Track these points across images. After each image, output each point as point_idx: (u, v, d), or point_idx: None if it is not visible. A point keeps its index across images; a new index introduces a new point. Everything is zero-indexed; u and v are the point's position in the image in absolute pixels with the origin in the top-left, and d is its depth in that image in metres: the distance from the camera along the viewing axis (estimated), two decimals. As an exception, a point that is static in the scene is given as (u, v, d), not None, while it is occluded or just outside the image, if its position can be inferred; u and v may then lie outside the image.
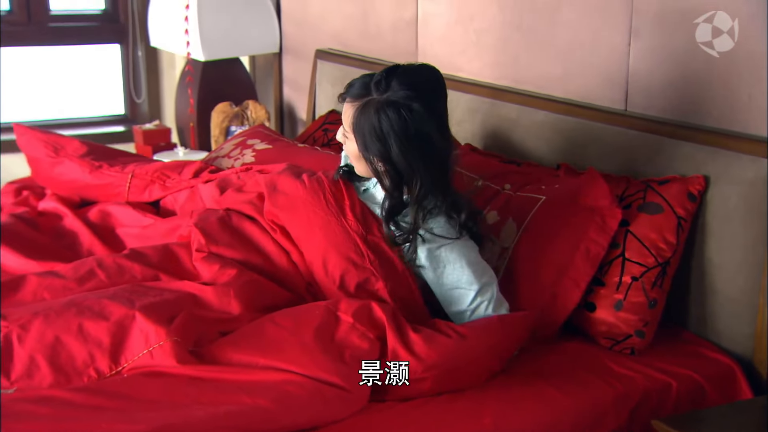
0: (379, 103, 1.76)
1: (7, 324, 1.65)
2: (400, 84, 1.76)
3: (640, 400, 1.70)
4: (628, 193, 1.92)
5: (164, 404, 1.50)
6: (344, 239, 1.83)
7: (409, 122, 1.74)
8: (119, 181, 2.37)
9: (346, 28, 3.00)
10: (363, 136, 1.78)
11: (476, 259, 1.80)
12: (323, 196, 1.89)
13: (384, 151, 1.77)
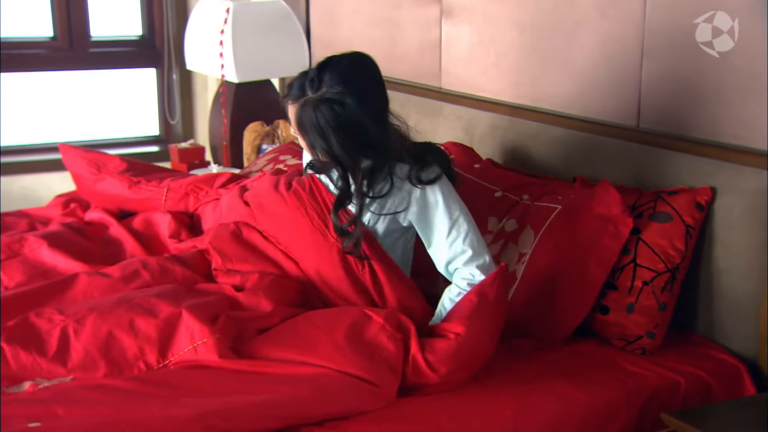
0: (314, 102, 1.85)
1: (64, 318, 1.79)
2: (332, 80, 1.85)
3: (651, 396, 1.81)
4: (639, 203, 2.04)
5: (208, 392, 1.63)
6: (332, 253, 1.94)
7: (342, 116, 1.84)
8: (156, 195, 2.52)
9: (373, 51, 3.11)
10: (306, 134, 1.89)
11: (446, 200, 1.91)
12: (305, 212, 1.99)
13: (326, 146, 1.87)
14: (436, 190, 1.92)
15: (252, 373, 1.70)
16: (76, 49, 4.01)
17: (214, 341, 1.74)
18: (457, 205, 1.93)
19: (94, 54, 4.06)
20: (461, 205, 1.94)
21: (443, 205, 1.92)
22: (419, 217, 1.94)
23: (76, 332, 1.75)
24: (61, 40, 3.97)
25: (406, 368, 1.72)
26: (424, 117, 2.81)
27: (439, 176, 1.93)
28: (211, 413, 1.54)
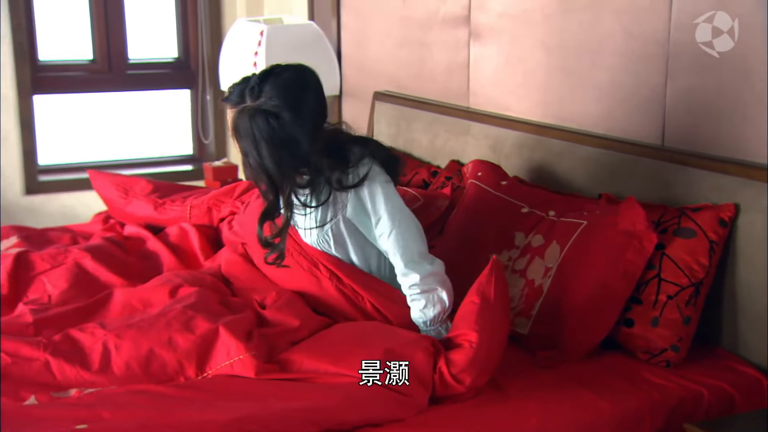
0: (251, 111, 1.88)
1: (105, 333, 1.87)
2: (271, 91, 1.88)
3: (675, 407, 1.85)
4: (663, 219, 2.09)
5: (244, 397, 1.70)
6: (324, 288, 2.05)
7: (276, 130, 1.86)
8: (181, 214, 2.62)
9: (402, 72, 3.23)
10: (240, 141, 1.92)
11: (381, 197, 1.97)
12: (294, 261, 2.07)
13: (257, 157, 1.89)
14: (363, 190, 1.97)
15: (287, 381, 1.77)
16: (114, 72, 4.14)
17: (250, 357, 1.81)
18: (382, 203, 1.96)
19: (131, 76, 4.19)
20: (390, 202, 1.97)
21: (369, 203, 1.97)
22: (355, 219, 2.00)
23: (117, 347, 1.83)
24: (100, 63, 4.11)
25: (435, 382, 1.77)
26: (452, 136, 2.88)
27: (364, 178, 1.96)
28: (248, 418, 1.60)
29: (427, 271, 1.97)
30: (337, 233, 2.02)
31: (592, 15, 2.44)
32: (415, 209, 2.51)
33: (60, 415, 1.60)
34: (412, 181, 2.81)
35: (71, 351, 1.81)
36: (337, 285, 2.04)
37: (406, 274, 1.98)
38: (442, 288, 1.98)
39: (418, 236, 2.01)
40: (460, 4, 2.89)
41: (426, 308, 1.98)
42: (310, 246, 2.06)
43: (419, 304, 1.98)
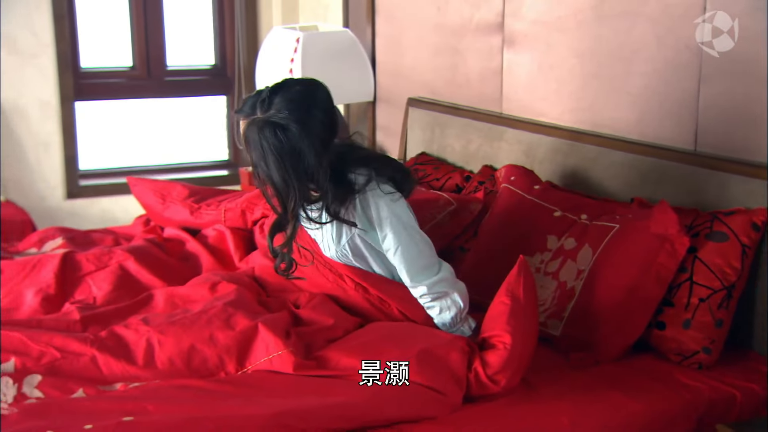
0: (260, 123, 1.91)
1: (149, 329, 1.93)
2: (281, 103, 1.90)
3: (707, 409, 1.87)
4: (696, 223, 2.11)
5: (283, 393, 1.75)
6: (351, 297, 2.10)
7: (283, 142, 1.89)
8: (216, 218, 2.68)
9: (436, 78, 3.27)
10: (248, 152, 1.96)
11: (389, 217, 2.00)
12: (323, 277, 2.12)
13: (265, 168, 1.93)
14: (370, 210, 2.01)
15: (324, 378, 1.81)
16: (153, 78, 4.23)
17: (288, 353, 1.86)
18: (388, 223, 1.99)
19: (169, 82, 4.28)
20: (396, 220, 1.99)
21: (376, 222, 2.01)
22: (366, 236, 2.04)
23: (160, 343, 1.89)
24: (139, 70, 4.20)
25: (471, 382, 1.81)
26: (485, 141, 2.91)
27: (381, 195, 1.99)
28: (288, 413, 1.65)
29: (433, 281, 2.02)
30: (354, 247, 2.08)
31: (625, 22, 2.46)
32: (448, 213, 2.56)
33: (107, 408, 1.66)
34: (445, 185, 2.85)
35: (117, 347, 1.87)
36: (363, 294, 2.10)
37: (414, 287, 2.05)
38: (452, 291, 2.03)
39: (424, 249, 2.04)
40: (493, 11, 2.93)
41: (441, 313, 2.03)
42: (332, 259, 2.12)
43: (434, 312, 2.05)
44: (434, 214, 2.58)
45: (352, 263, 2.10)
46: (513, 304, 1.85)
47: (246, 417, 1.64)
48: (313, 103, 1.95)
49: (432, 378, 1.78)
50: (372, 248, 2.08)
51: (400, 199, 2.04)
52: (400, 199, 2.04)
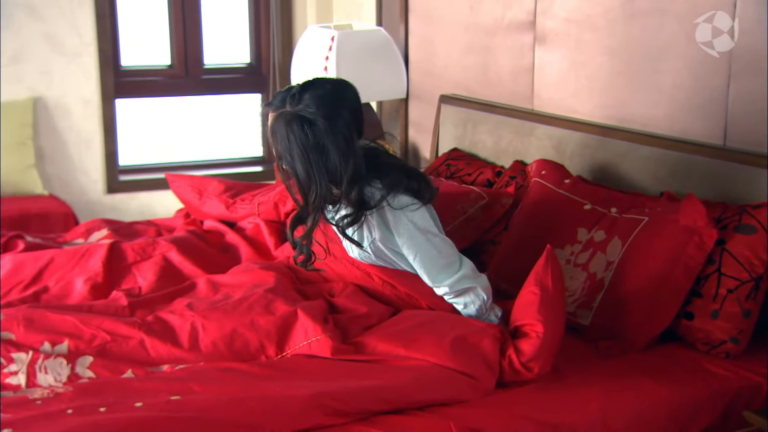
0: (288, 116, 1.96)
1: (193, 314, 2.02)
2: (310, 99, 1.96)
3: (734, 396, 1.91)
4: (724, 216, 2.15)
5: (321, 376, 1.82)
6: (380, 292, 2.17)
7: (309, 136, 1.95)
8: (251, 211, 2.77)
9: (468, 76, 3.33)
10: (275, 144, 2.02)
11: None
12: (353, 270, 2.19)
13: (290, 160, 1.99)
14: (389, 220, 2.05)
15: (361, 362, 1.89)
16: (190, 76, 4.34)
17: (326, 338, 1.93)
18: (405, 233, 2.04)
19: (206, 80, 4.39)
20: (413, 228, 2.04)
21: (394, 231, 2.06)
22: (386, 242, 2.09)
23: (204, 327, 1.97)
24: (177, 68, 4.31)
25: (505, 369, 1.87)
26: (516, 137, 2.97)
27: (400, 205, 2.04)
28: (326, 394, 1.72)
29: (454, 279, 2.07)
30: (376, 250, 2.14)
31: (655, 20, 2.51)
32: (480, 206, 2.62)
33: (155, 387, 1.74)
34: (477, 180, 2.90)
35: (163, 331, 1.96)
36: (391, 290, 2.17)
37: (437, 288, 2.11)
38: (474, 284, 2.08)
39: (443, 249, 2.08)
40: (525, 10, 2.99)
41: (467, 308, 2.10)
42: (358, 260, 2.18)
43: (459, 306, 2.11)
44: (466, 208, 2.64)
45: (377, 263, 2.17)
46: (542, 293, 1.91)
47: (287, 397, 1.71)
48: (341, 102, 2.00)
49: (465, 364, 1.84)
50: (394, 251, 2.14)
51: (419, 208, 2.07)
52: (418, 208, 2.07)
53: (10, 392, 1.74)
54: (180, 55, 4.29)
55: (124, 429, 1.55)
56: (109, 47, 4.01)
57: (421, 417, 1.75)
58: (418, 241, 2.06)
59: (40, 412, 1.62)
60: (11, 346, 1.83)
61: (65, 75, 3.94)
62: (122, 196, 4.18)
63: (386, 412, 1.75)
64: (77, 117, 4.00)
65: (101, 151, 4.08)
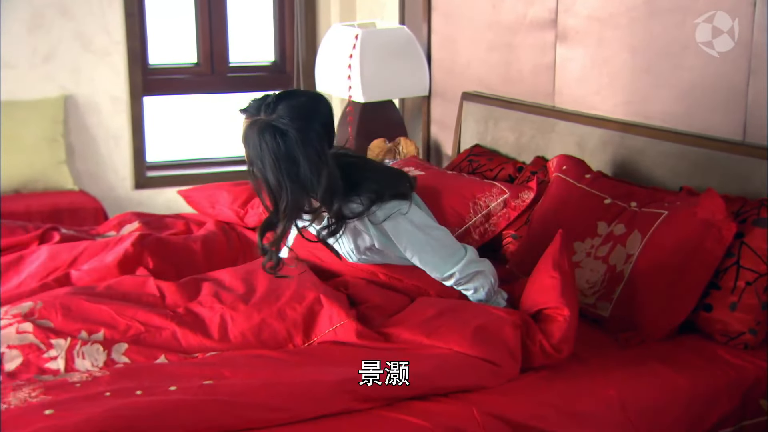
0: (262, 124, 1.99)
1: (222, 306, 2.08)
2: (284, 110, 1.99)
3: (751, 386, 1.95)
4: (743, 209, 2.18)
5: (348, 363, 1.87)
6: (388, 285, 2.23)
7: (281, 146, 1.98)
8: (260, 217, 2.81)
9: (490, 74, 3.38)
10: (247, 150, 2.05)
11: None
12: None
13: (261, 168, 2.01)
14: (391, 220, 2.09)
15: (384, 350, 1.94)
16: (216, 74, 4.41)
17: (351, 322, 1.99)
18: (402, 237, 2.09)
19: (231, 78, 4.46)
20: (409, 230, 2.09)
21: (393, 235, 2.11)
22: (384, 247, 2.15)
23: (233, 319, 2.03)
24: (203, 66, 4.39)
25: (536, 353, 1.93)
26: (537, 133, 3.01)
27: (392, 211, 2.08)
28: (353, 379, 1.78)
29: (461, 266, 2.12)
30: (375, 253, 2.19)
31: (676, 18, 2.54)
32: (501, 201, 2.68)
33: (189, 372, 1.81)
34: (498, 175, 2.95)
35: (194, 322, 2.02)
36: (398, 284, 2.22)
37: (445, 279, 2.16)
38: (481, 267, 2.14)
39: (444, 240, 2.13)
40: (547, 8, 3.03)
41: (476, 292, 2.16)
42: (360, 263, 2.24)
43: (469, 292, 2.16)
44: (488, 203, 2.69)
45: (379, 263, 2.22)
46: (562, 277, 1.98)
47: (315, 382, 1.77)
48: (314, 115, 2.04)
49: (488, 351, 1.89)
50: (393, 253, 2.19)
51: (410, 208, 2.11)
52: (409, 209, 2.11)
53: (50, 376, 1.82)
54: (206, 54, 4.37)
55: (161, 411, 1.62)
56: (138, 46, 4.09)
57: (444, 403, 1.80)
58: (419, 239, 2.11)
59: (79, 394, 1.69)
60: (51, 333, 1.90)
61: (95, 73, 4.02)
62: (149, 191, 4.26)
63: (410, 397, 1.80)
64: (106, 114, 4.09)
65: (129, 147, 4.17)
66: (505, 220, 2.68)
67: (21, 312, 1.95)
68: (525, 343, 1.94)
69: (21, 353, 1.85)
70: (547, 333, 1.94)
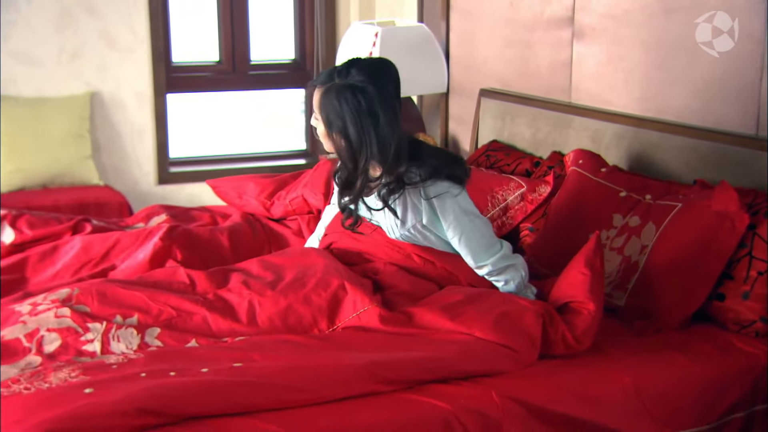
0: (339, 87, 2.13)
1: (250, 292, 2.16)
2: (358, 72, 2.14)
3: (762, 372, 2.01)
4: (756, 202, 2.24)
5: (371, 348, 1.95)
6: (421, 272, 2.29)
7: (362, 103, 2.12)
8: (285, 208, 2.93)
9: (507, 70, 3.44)
10: (327, 115, 2.17)
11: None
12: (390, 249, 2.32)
13: (342, 127, 2.14)
14: (434, 203, 2.19)
15: (408, 335, 2.02)
16: (237, 72, 4.50)
17: (375, 307, 2.06)
18: (450, 215, 2.18)
19: (252, 76, 4.54)
20: (458, 211, 2.18)
21: (440, 213, 2.20)
22: (431, 225, 2.23)
23: (260, 304, 2.11)
24: (225, 64, 4.47)
25: (557, 342, 1.99)
26: (554, 129, 3.07)
27: (444, 190, 2.17)
28: (377, 363, 1.85)
29: (496, 258, 2.22)
30: (418, 231, 2.27)
31: (690, 15, 2.60)
32: (519, 194, 2.74)
33: (219, 356, 1.89)
34: (516, 170, 3.02)
35: (223, 307, 2.10)
36: (431, 269, 2.29)
37: (479, 268, 2.25)
38: (513, 262, 2.24)
39: (485, 231, 2.23)
40: (564, 5, 3.09)
41: (507, 284, 2.24)
42: (398, 240, 2.31)
43: (500, 284, 2.24)
44: (506, 196, 2.76)
45: (417, 242, 2.29)
46: (593, 275, 2.05)
47: (340, 366, 1.84)
48: (387, 76, 2.19)
49: (508, 338, 1.96)
50: (437, 235, 2.27)
51: (461, 192, 2.22)
52: (460, 192, 2.22)
53: (87, 358, 1.90)
54: (228, 52, 4.45)
55: (194, 391, 1.70)
56: (162, 44, 4.18)
57: (465, 386, 1.87)
58: (463, 223, 2.20)
59: (116, 374, 1.77)
60: (87, 317, 1.99)
61: (120, 70, 4.12)
62: (172, 186, 4.35)
63: (432, 381, 1.87)
64: (131, 110, 4.18)
65: (153, 143, 4.26)
66: (522, 213, 2.74)
67: (59, 298, 2.04)
68: (547, 332, 2.00)
69: (59, 336, 1.93)
70: (571, 324, 2.01)
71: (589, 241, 2.10)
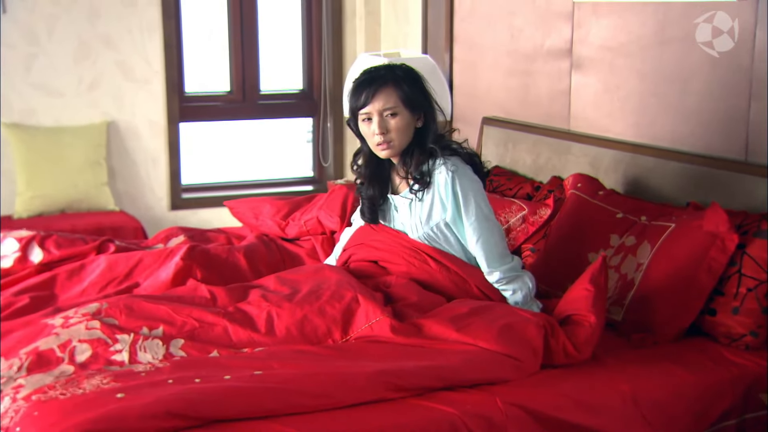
0: (401, 77, 2.42)
1: (269, 304, 2.28)
2: (403, 68, 2.46)
3: (752, 382, 2.13)
4: (745, 222, 2.37)
5: (383, 357, 2.07)
6: (435, 278, 2.44)
7: (421, 86, 2.46)
8: (300, 229, 3.05)
9: (508, 99, 3.59)
10: (410, 101, 2.40)
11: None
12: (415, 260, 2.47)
13: (426, 103, 2.43)
14: (456, 186, 2.37)
15: (417, 346, 2.13)
16: (247, 101, 4.66)
17: (386, 318, 2.18)
18: (473, 210, 2.37)
19: (262, 105, 4.70)
20: (480, 209, 2.37)
21: (463, 205, 2.38)
22: (453, 224, 2.40)
23: (278, 315, 2.23)
24: (235, 94, 4.63)
25: (558, 352, 2.11)
26: (554, 155, 3.21)
27: (469, 177, 2.38)
28: (388, 372, 1.97)
29: (507, 267, 2.38)
30: (440, 231, 2.42)
31: (683, 47, 2.75)
32: (520, 217, 2.87)
33: (240, 364, 2.00)
34: (517, 194, 3.15)
35: (243, 319, 2.22)
36: (446, 274, 2.41)
37: (491, 273, 2.39)
38: (523, 274, 2.39)
39: (500, 240, 2.41)
40: (563, 38, 3.25)
41: (514, 294, 2.37)
42: (418, 242, 2.44)
43: (508, 293, 2.38)
44: (507, 218, 2.89)
45: (438, 244, 2.42)
46: (596, 291, 2.18)
47: (354, 373, 1.95)
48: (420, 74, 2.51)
49: (512, 348, 2.08)
50: (455, 237, 2.41)
51: (482, 191, 2.41)
52: (481, 190, 2.41)
53: (116, 367, 2.02)
54: (238, 82, 4.61)
55: (218, 396, 1.82)
56: (175, 74, 4.34)
57: (470, 393, 1.98)
58: (483, 225, 2.38)
59: (145, 381, 1.89)
60: (116, 329, 2.11)
61: (135, 100, 4.28)
62: (184, 212, 4.49)
63: (439, 388, 1.99)
64: (145, 139, 4.33)
65: (166, 170, 4.40)
66: (523, 235, 2.87)
67: (89, 311, 2.16)
68: (549, 343, 2.12)
69: (90, 347, 2.05)
70: (572, 335, 2.13)
71: (595, 260, 2.23)
